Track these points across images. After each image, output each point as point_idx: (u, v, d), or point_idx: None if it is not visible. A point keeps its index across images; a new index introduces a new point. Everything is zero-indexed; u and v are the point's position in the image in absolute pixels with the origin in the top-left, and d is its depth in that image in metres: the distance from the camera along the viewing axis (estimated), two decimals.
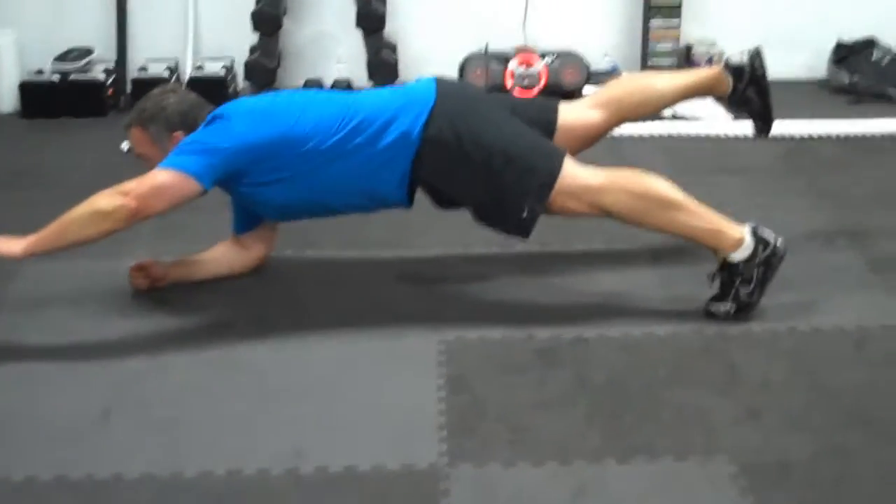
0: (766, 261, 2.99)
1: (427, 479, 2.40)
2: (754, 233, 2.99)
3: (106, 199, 2.89)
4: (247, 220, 3.28)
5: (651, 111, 3.50)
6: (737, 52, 3.39)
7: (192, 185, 2.92)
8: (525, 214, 3.02)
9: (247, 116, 3.00)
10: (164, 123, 3.08)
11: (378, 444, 2.53)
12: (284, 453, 2.49)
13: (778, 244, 3.00)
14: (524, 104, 3.41)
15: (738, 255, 2.98)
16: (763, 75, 3.37)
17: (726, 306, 3.03)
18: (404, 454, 2.49)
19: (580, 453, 2.49)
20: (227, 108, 3.06)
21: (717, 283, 3.05)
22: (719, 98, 3.49)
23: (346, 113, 3.01)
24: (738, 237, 2.98)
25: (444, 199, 3.15)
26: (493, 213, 3.09)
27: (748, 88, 3.36)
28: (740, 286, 3.01)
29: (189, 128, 3.06)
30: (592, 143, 3.33)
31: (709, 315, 3.05)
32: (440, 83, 3.12)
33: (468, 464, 2.45)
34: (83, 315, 3.13)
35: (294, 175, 3.00)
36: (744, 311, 3.03)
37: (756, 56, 3.37)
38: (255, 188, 3.04)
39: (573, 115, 3.29)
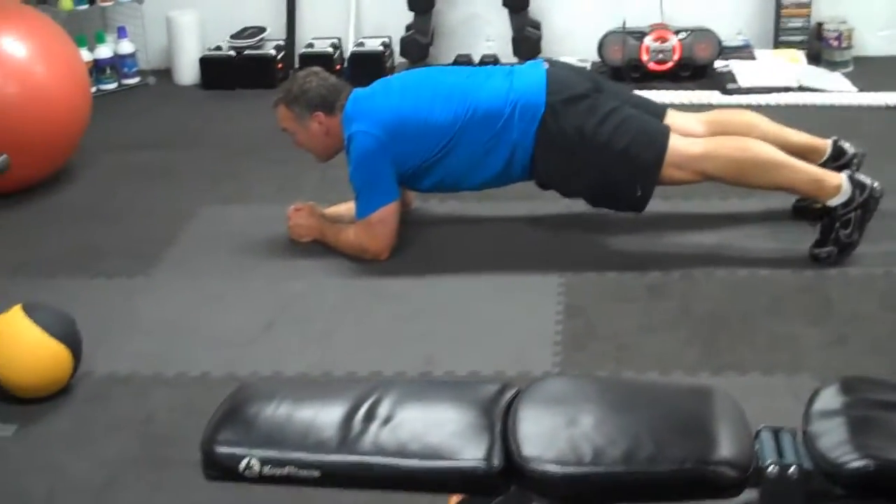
0: (863, 203, 3.24)
1: None
2: (851, 179, 3.25)
3: (369, 246, 3.43)
4: None
5: None
6: (851, 145, 3.51)
7: (393, 206, 3.40)
8: (640, 193, 3.35)
9: (384, 128, 3.35)
10: (306, 104, 3.47)
11: (499, 355, 2.91)
12: (418, 359, 2.90)
13: (874, 187, 3.25)
14: (634, 100, 3.59)
15: (837, 200, 3.24)
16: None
17: (828, 249, 3.29)
18: (522, 364, 2.86)
19: (678, 366, 2.82)
20: (363, 117, 3.39)
21: (819, 228, 3.32)
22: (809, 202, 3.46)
23: (465, 113, 3.34)
24: (837, 184, 3.24)
25: (555, 188, 3.51)
26: (609, 198, 3.43)
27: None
28: (840, 229, 3.26)
29: (328, 109, 3.45)
30: None
31: (813, 258, 3.31)
32: (551, 80, 3.36)
33: (577, 372, 2.81)
34: (252, 247, 3.60)
35: (436, 162, 3.40)
36: (844, 251, 3.28)
37: (860, 157, 3.49)
38: (411, 178, 3.47)
39: (680, 120, 3.53)
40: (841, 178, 3.26)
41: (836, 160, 3.51)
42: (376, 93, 3.47)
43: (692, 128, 3.51)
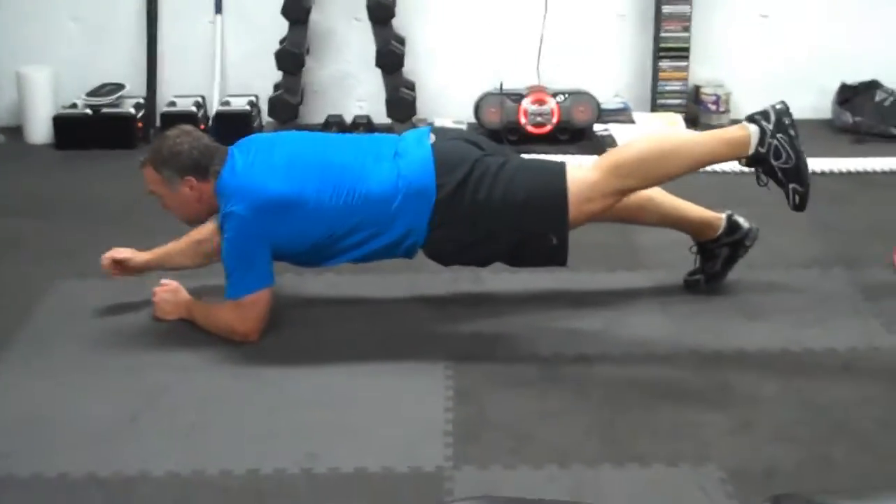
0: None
1: (432, 481, 2.56)
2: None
3: (237, 328, 3.19)
4: None
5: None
6: (745, 220, 3.47)
7: (266, 291, 3.18)
8: (555, 242, 3.15)
9: (263, 211, 3.10)
10: (177, 168, 3.20)
11: (387, 448, 2.70)
12: (299, 455, 2.66)
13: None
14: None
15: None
16: (741, 254, 3.48)
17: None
18: (412, 458, 2.65)
19: (579, 459, 2.64)
20: (241, 195, 3.11)
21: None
22: (698, 237, 3.50)
23: (355, 199, 3.12)
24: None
25: (465, 262, 3.35)
26: (526, 255, 3.22)
27: (725, 247, 3.46)
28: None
29: (201, 174, 3.20)
30: None
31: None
32: (438, 161, 3.14)
33: (472, 467, 2.61)
34: (112, 328, 3.33)
35: (326, 246, 3.18)
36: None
37: (755, 233, 3.47)
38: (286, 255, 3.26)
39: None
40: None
41: (731, 234, 3.44)
42: (257, 165, 3.17)
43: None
